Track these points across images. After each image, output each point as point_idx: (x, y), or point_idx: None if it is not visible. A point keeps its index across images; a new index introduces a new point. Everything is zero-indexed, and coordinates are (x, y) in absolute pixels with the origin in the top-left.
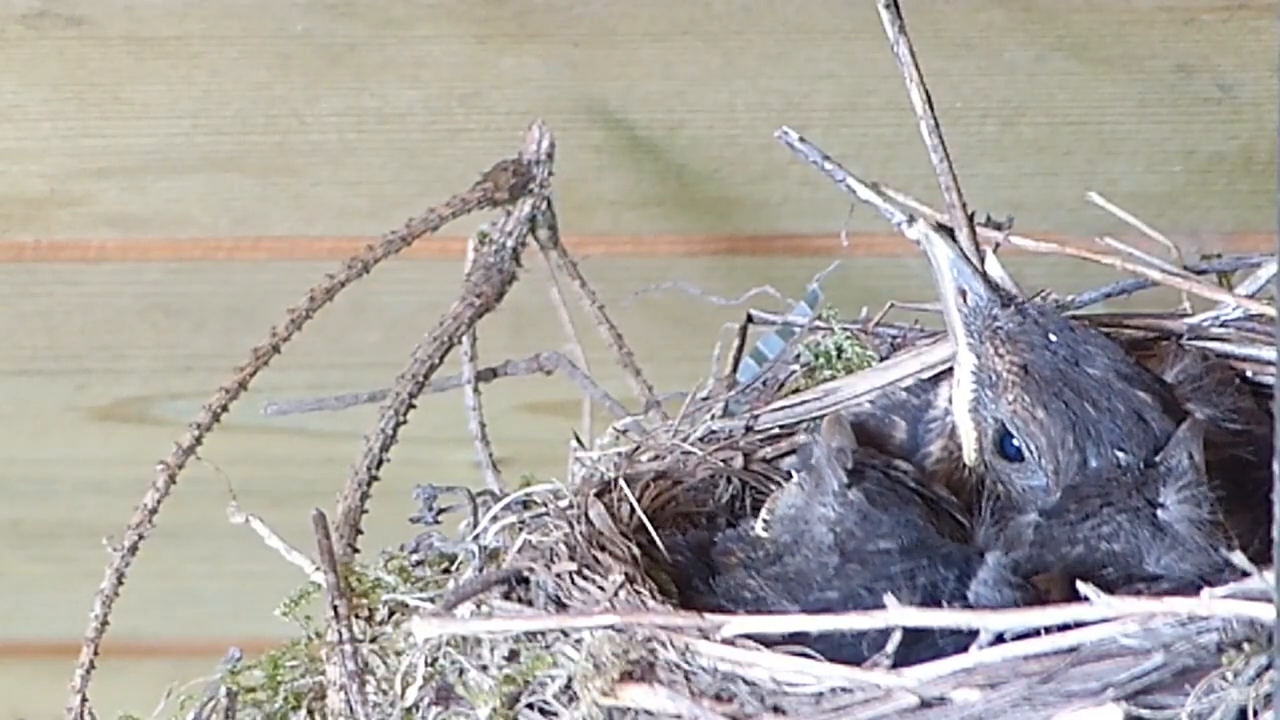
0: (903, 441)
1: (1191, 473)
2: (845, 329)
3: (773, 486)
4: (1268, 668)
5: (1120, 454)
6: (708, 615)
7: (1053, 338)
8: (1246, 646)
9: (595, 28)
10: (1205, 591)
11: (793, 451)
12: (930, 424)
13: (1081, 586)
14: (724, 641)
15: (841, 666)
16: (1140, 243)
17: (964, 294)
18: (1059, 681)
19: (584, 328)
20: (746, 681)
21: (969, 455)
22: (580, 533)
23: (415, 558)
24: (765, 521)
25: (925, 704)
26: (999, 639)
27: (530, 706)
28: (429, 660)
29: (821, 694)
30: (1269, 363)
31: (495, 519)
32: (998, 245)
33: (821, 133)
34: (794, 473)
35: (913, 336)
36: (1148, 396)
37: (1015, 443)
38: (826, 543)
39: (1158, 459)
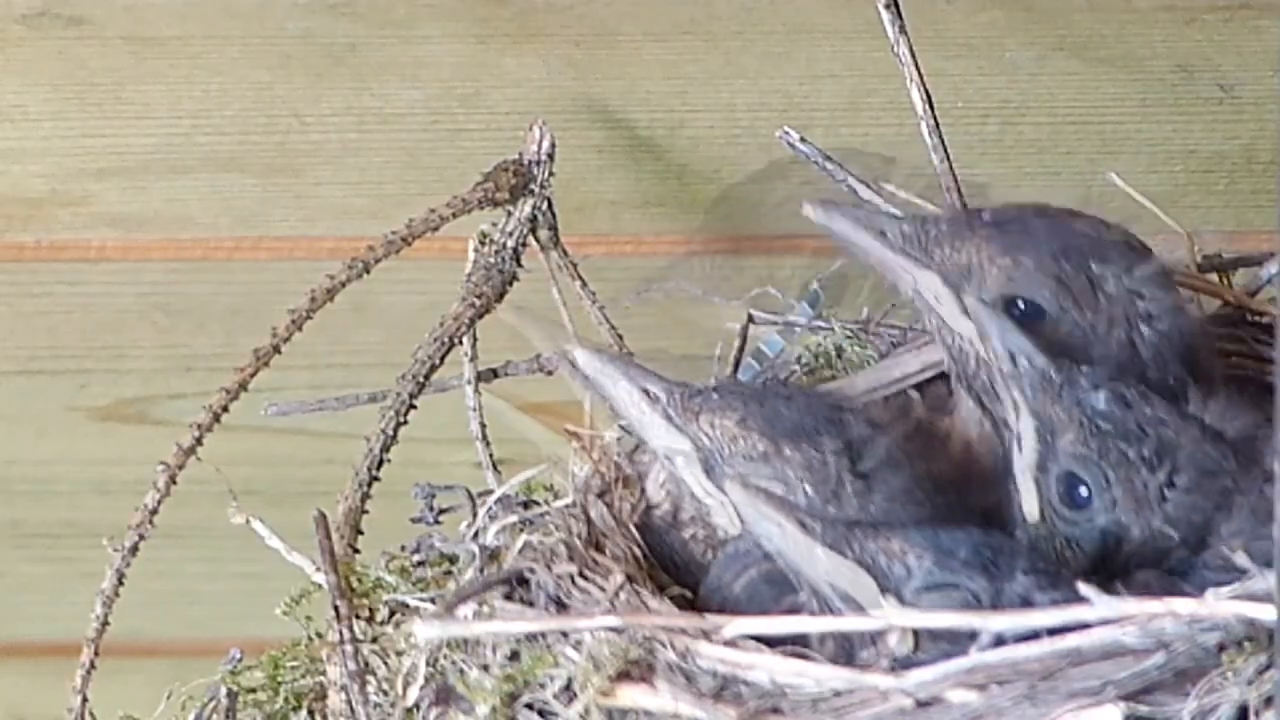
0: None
1: None
2: (846, 329)
3: None
4: (1268, 667)
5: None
6: (708, 616)
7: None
8: (1247, 646)
9: (596, 28)
10: (1209, 592)
11: None
12: None
13: (1081, 587)
14: (724, 643)
15: (841, 668)
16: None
17: (1013, 357)
18: (1059, 680)
19: (584, 328)
20: (746, 682)
21: (1031, 516)
22: (580, 533)
23: (416, 558)
24: None
25: (925, 702)
26: (999, 640)
27: (530, 706)
28: (430, 660)
29: (821, 694)
30: None
31: (495, 518)
32: None
33: (822, 133)
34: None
35: (913, 336)
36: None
37: (1083, 490)
38: None
39: None
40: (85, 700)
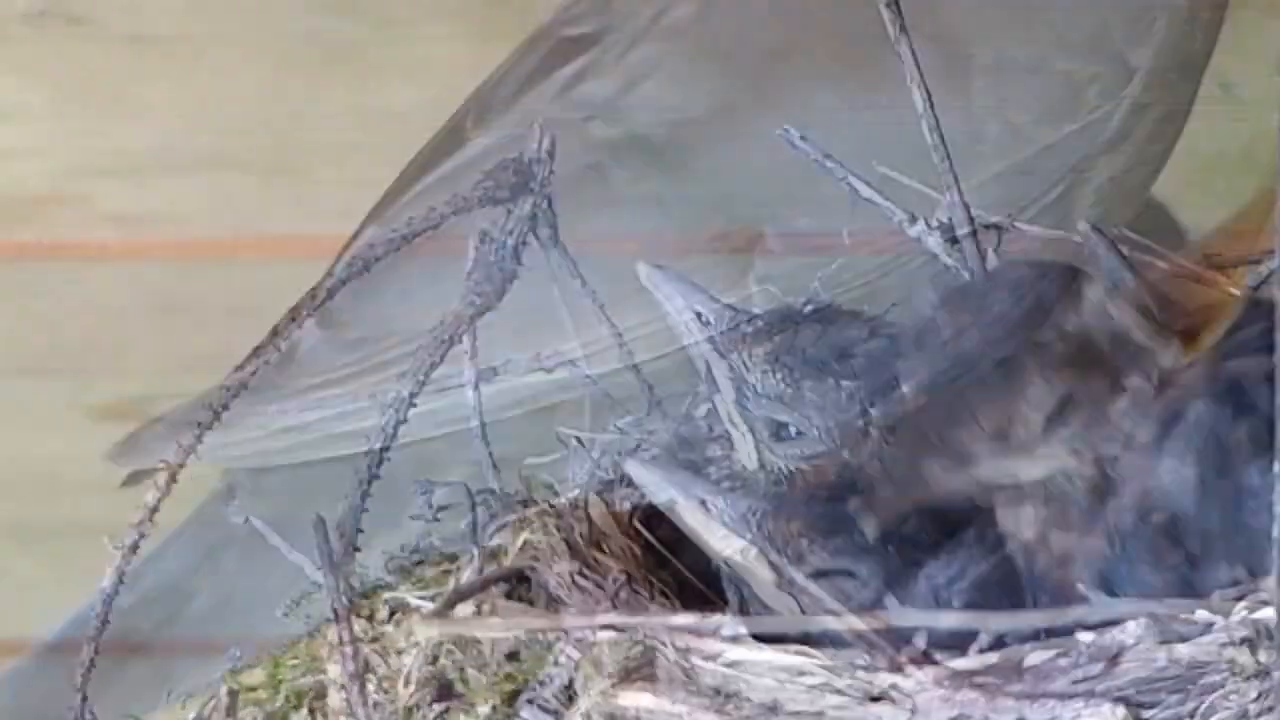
0: None
1: None
2: None
3: None
4: (1268, 668)
5: None
6: (707, 615)
7: None
8: (1247, 646)
9: None
10: (1215, 594)
11: None
12: None
13: (1080, 588)
14: (724, 641)
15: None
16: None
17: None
18: (1060, 680)
19: (584, 327)
20: (746, 681)
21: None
22: (580, 532)
23: (416, 557)
24: None
25: (925, 702)
26: (999, 640)
27: (530, 704)
28: (430, 659)
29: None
30: None
31: (495, 517)
32: (999, 245)
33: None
34: None
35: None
36: None
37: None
38: None
39: None
40: (85, 700)
